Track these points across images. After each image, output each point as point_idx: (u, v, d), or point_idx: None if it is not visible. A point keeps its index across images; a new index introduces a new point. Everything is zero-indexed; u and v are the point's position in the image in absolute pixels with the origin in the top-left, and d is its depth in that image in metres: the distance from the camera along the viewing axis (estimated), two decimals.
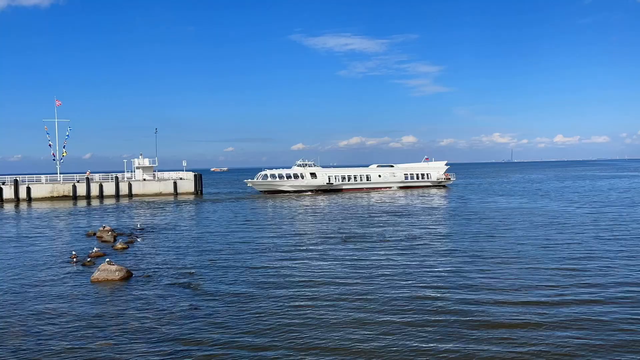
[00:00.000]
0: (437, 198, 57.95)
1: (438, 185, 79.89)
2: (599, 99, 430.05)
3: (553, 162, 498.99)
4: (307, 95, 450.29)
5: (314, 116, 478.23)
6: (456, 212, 40.99)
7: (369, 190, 74.11)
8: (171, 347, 11.77)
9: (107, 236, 29.24)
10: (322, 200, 57.85)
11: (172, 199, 64.55)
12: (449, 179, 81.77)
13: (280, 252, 23.84)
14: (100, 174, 73.90)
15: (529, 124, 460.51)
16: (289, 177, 71.25)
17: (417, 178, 78.79)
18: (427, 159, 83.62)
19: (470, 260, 20.85)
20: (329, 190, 72.41)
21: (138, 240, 28.67)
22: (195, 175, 74.36)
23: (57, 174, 71.86)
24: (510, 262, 20.09)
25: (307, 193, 70.20)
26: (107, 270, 18.65)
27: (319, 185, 72.13)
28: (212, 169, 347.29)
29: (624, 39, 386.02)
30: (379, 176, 76.80)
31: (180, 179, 74.44)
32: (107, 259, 19.87)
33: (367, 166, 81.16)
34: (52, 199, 66.20)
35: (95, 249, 24.32)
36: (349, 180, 74.25)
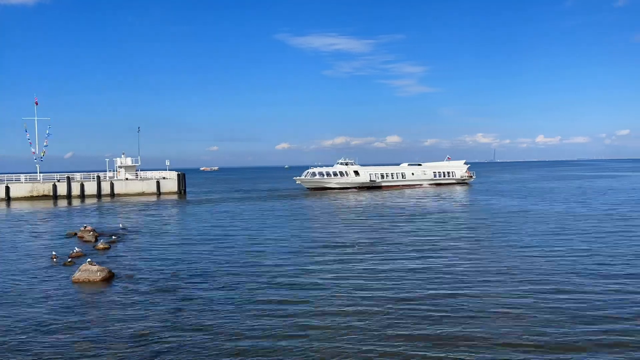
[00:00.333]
0: (471, 196, 58.03)
1: (462, 182, 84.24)
2: (580, 101, 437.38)
3: (535, 162, 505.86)
4: (292, 95, 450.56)
5: (299, 116, 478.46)
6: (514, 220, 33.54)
7: (404, 187, 77.53)
8: (153, 349, 11.60)
9: (89, 236, 28.81)
10: (365, 198, 58.73)
11: (155, 199, 63.90)
12: (471, 177, 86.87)
13: (273, 254, 23.72)
14: (82, 173, 72.83)
15: (511, 125, 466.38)
16: (335, 174, 74.40)
17: (444, 176, 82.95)
18: (449, 158, 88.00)
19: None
20: (370, 187, 75.59)
21: (120, 235, 28.29)
22: (178, 175, 73.69)
23: (37, 173, 70.63)
24: None
25: (351, 190, 72.76)
26: (88, 271, 18.34)
27: (362, 183, 75.46)
28: (202, 168, 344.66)
29: (605, 42, 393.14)
30: (412, 174, 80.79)
31: (164, 178, 73.72)
32: (89, 259, 19.54)
33: (398, 164, 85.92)
34: (31, 198, 65.04)
35: (76, 249, 23.92)
36: (386, 178, 77.90)
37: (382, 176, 77.73)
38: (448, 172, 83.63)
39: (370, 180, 76.07)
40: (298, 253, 23.17)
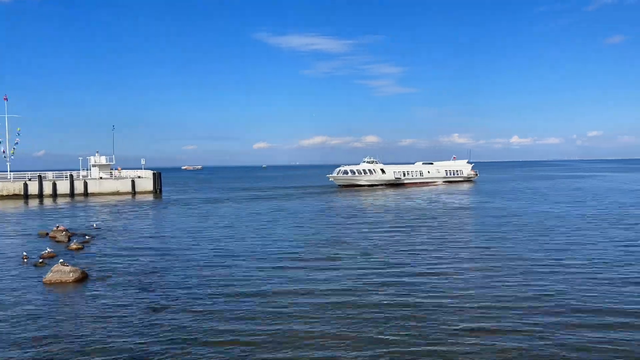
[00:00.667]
0: (481, 196, 58.66)
1: (468, 180, 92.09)
2: (553, 102, 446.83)
3: (509, 162, 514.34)
4: (270, 94, 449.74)
5: (278, 115, 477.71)
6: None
7: (422, 184, 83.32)
8: (128, 351, 11.37)
9: (61, 236, 28.16)
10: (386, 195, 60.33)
11: (130, 198, 62.88)
12: (476, 174, 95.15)
13: (244, 256, 23.55)
14: (54, 172, 71.16)
15: (486, 125, 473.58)
16: (365, 172, 79.12)
17: (454, 174, 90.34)
18: (454, 158, 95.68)
19: None
20: (395, 184, 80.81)
21: (93, 234, 27.73)
22: (154, 174, 72.63)
23: (7, 171, 68.72)
24: None
25: (379, 187, 77.67)
26: (61, 272, 17.91)
27: (388, 180, 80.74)
28: (184, 167, 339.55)
29: (578, 45, 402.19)
30: (428, 172, 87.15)
31: (139, 177, 72.58)
32: (61, 260, 19.07)
33: (413, 163, 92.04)
34: (1, 197, 63.28)
35: (48, 249, 23.33)
36: (407, 176, 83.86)
37: (404, 174, 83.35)
38: (457, 171, 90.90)
39: (395, 178, 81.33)
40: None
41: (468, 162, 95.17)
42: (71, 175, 68.38)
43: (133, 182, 70.26)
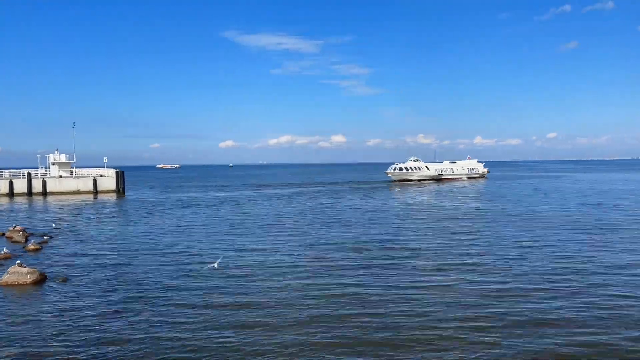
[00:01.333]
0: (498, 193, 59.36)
1: (482, 176, 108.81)
2: (514, 104, 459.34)
3: None
4: (238, 92, 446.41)
5: (245, 114, 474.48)
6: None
7: (453, 180, 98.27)
8: (87, 353, 11.20)
9: (18, 236, 27.33)
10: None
11: (92, 198, 61.36)
12: (488, 172, 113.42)
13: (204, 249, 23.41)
14: (10, 170, 68.66)
15: (451, 126, 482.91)
16: (415, 169, 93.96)
17: (473, 171, 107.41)
18: (469, 158, 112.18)
19: None
20: (437, 179, 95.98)
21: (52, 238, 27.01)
22: (117, 172, 70.91)
23: None
24: None
25: (426, 182, 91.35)
26: (18, 273, 17.43)
27: (432, 176, 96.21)
28: (159, 166, 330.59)
29: (536, 50, 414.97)
30: (456, 170, 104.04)
31: (101, 176, 70.76)
32: (18, 261, 18.54)
33: (441, 162, 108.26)
34: None
35: (4, 250, 22.61)
36: (444, 173, 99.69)
37: (442, 170, 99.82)
38: (475, 168, 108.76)
39: (437, 174, 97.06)
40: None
41: (478, 162, 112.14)
42: (29, 174, 66.12)
43: (95, 181, 68.47)
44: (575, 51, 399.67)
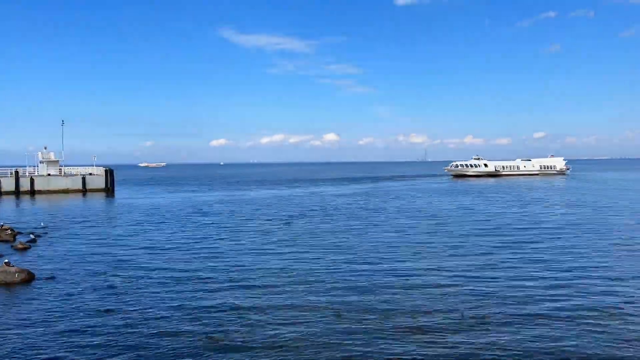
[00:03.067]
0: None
1: (561, 173, 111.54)
2: (503, 103, 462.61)
3: None
4: (232, 91, 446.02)
5: (238, 112, 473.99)
6: None
7: (517, 175, 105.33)
8: (76, 354, 11.14)
9: (6, 235, 27.06)
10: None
11: (81, 196, 60.88)
12: (568, 169, 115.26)
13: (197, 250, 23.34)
14: None
15: (442, 125, 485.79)
16: (474, 166, 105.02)
17: (547, 168, 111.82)
18: (552, 156, 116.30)
19: None
20: (494, 175, 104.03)
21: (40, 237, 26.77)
22: (106, 171, 70.36)
23: None
24: None
25: (483, 177, 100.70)
26: (6, 272, 17.27)
27: (489, 172, 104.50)
28: (142, 164, 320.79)
29: (522, 52, 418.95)
30: (524, 166, 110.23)
31: (90, 174, 70.16)
32: (6, 260, 18.38)
33: (514, 160, 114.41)
34: None
35: None
36: (505, 170, 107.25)
37: (502, 167, 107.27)
38: (550, 166, 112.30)
39: (495, 171, 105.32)
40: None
41: (563, 160, 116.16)
42: (16, 172, 65.35)
43: (84, 179, 67.87)
44: (558, 54, 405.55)
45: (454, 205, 44.06)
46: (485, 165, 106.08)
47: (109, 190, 68.47)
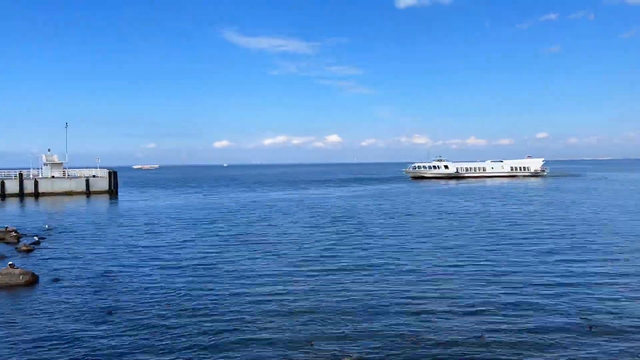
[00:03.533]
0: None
1: (535, 175, 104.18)
2: (505, 104, 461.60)
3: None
4: (235, 93, 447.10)
5: (241, 114, 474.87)
6: None
7: (485, 178, 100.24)
8: (84, 354, 11.17)
9: (10, 237, 27.16)
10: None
11: (85, 198, 61.06)
12: (544, 170, 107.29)
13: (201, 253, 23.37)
14: (2, 171, 68.12)
15: (444, 126, 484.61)
16: (433, 168, 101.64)
17: (519, 170, 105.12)
18: (528, 157, 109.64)
19: None
20: (456, 177, 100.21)
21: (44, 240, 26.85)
22: (110, 173, 70.59)
23: None
24: None
25: (442, 179, 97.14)
26: (10, 274, 17.33)
27: (450, 174, 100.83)
28: (136, 167, 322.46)
29: (523, 52, 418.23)
30: (492, 168, 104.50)
31: (94, 176, 70.40)
32: (10, 262, 18.45)
33: (484, 161, 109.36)
34: None
35: None
36: (468, 171, 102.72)
37: (466, 169, 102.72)
38: (523, 167, 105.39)
39: (455, 172, 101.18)
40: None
41: (542, 161, 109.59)
42: (21, 174, 65.64)
43: (87, 181, 68.10)
44: (558, 54, 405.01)
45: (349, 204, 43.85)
46: (446, 166, 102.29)
47: (112, 192, 68.65)
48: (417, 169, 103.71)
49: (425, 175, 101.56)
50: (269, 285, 17.00)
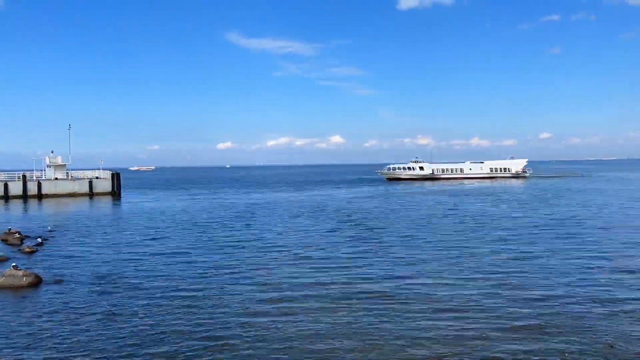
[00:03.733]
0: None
1: (516, 177, 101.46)
2: (509, 104, 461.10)
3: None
4: (238, 94, 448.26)
5: (244, 115, 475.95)
6: None
7: (462, 179, 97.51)
8: (84, 357, 11.12)
9: (13, 239, 27.18)
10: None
11: (88, 200, 61.14)
12: (525, 172, 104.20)
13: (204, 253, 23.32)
14: (5, 172, 68.30)
15: (448, 127, 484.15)
16: (408, 169, 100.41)
17: (499, 171, 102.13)
18: (512, 157, 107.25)
19: None
20: (431, 178, 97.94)
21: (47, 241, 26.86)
22: (112, 174, 70.71)
23: None
24: None
25: (416, 181, 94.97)
26: (13, 276, 17.32)
27: (425, 175, 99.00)
28: (133, 168, 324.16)
29: (527, 53, 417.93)
30: (470, 169, 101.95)
31: (97, 178, 70.49)
32: (13, 264, 18.44)
33: (463, 162, 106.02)
34: None
35: None
36: (445, 173, 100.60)
37: (442, 170, 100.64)
38: (504, 168, 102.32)
39: (430, 174, 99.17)
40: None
41: (526, 161, 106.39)
42: (24, 176, 65.79)
43: (91, 183, 68.22)
44: (559, 55, 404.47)
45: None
46: (421, 168, 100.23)
47: (115, 193, 68.72)
48: (392, 170, 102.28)
49: (401, 176, 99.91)
50: (277, 291, 16.94)
